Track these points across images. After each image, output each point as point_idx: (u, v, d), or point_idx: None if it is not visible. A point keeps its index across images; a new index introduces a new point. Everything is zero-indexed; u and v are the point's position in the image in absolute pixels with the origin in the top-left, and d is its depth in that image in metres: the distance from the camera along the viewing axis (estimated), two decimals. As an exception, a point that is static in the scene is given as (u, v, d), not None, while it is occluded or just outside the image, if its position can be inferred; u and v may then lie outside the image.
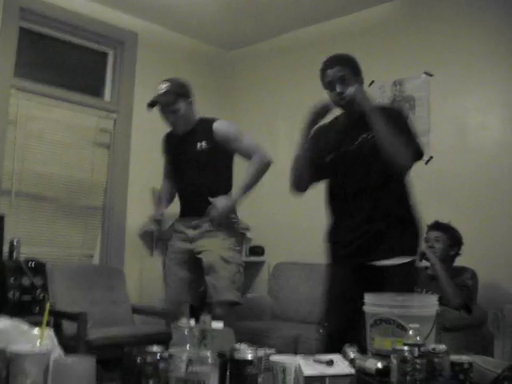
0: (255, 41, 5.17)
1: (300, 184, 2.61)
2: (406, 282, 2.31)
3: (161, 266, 3.68)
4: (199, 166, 3.07)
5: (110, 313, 3.93)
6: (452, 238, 3.25)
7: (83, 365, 1.14)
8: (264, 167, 3.08)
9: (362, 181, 2.41)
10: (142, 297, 4.27)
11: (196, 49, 5.16)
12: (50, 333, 1.28)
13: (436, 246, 3.22)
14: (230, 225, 3.09)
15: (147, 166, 4.41)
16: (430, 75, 4.05)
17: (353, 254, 2.42)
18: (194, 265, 3.08)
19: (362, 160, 2.41)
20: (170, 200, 3.35)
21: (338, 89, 2.41)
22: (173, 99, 3.02)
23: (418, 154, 2.36)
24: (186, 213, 3.17)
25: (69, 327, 3.30)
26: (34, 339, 1.21)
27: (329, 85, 2.45)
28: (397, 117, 2.42)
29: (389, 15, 4.37)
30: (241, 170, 3.26)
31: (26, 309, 3.23)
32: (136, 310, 4.03)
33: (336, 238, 2.53)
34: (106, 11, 4.51)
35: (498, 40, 3.75)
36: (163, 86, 3.05)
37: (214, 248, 3.01)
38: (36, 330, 1.24)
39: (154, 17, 4.72)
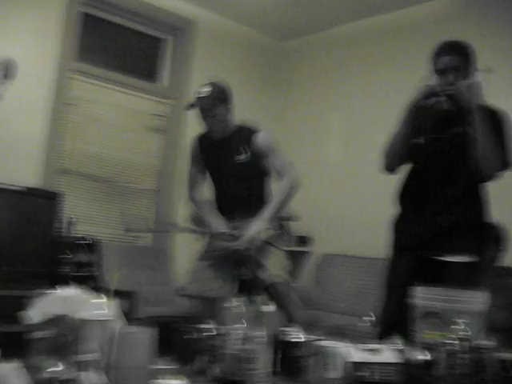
0: (309, 32, 5.17)
1: (392, 162, 2.52)
2: (467, 281, 2.30)
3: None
4: (237, 177, 3.01)
5: (159, 293, 4.03)
6: (491, 237, 3.11)
7: (147, 334, 1.21)
8: (293, 191, 2.97)
9: (445, 173, 2.38)
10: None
11: (252, 38, 5.20)
12: (115, 303, 1.35)
13: None
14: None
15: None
16: (491, 71, 3.97)
17: (419, 246, 2.41)
18: (234, 263, 3.07)
19: (449, 152, 2.38)
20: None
21: (451, 79, 2.33)
22: (211, 104, 2.93)
23: (506, 166, 2.31)
24: (224, 215, 3.09)
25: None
26: (100, 307, 1.29)
27: (440, 71, 2.37)
28: (501, 122, 2.35)
29: (443, 10, 4.30)
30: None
31: (82, 284, 3.35)
32: (183, 292, 4.12)
33: (403, 227, 2.51)
34: (166, -1, 4.61)
35: None
36: (203, 90, 3.02)
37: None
38: (102, 299, 1.32)
39: (212, 5, 4.78)
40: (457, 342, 1.53)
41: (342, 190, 4.72)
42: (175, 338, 1.75)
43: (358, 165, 4.66)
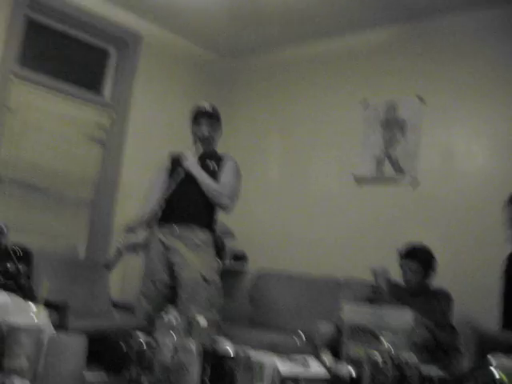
0: (254, 51, 5.25)
1: None
2: None
3: (143, 263, 3.72)
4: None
5: (91, 305, 3.96)
6: (427, 264, 3.20)
7: (76, 342, 1.21)
8: None
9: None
10: (123, 292, 4.31)
11: (196, 54, 5.23)
12: (44, 311, 1.34)
13: (413, 276, 3.17)
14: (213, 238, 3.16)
15: (140, 165, 4.48)
16: (422, 101, 4.15)
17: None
18: (170, 275, 3.10)
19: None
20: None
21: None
22: (219, 117, 3.39)
23: None
24: (167, 219, 3.18)
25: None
26: (29, 315, 1.27)
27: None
28: None
29: (386, 39, 4.49)
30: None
31: (10, 293, 3.26)
32: (116, 305, 4.08)
33: None
34: (113, 10, 4.57)
35: (489, 72, 3.88)
36: (209, 104, 3.38)
37: (196, 263, 3.02)
38: (33, 307, 1.30)
39: (159, 20, 4.79)
40: (382, 357, 1.59)
41: (280, 209, 4.80)
42: (107, 349, 1.74)
43: (295, 185, 4.76)
